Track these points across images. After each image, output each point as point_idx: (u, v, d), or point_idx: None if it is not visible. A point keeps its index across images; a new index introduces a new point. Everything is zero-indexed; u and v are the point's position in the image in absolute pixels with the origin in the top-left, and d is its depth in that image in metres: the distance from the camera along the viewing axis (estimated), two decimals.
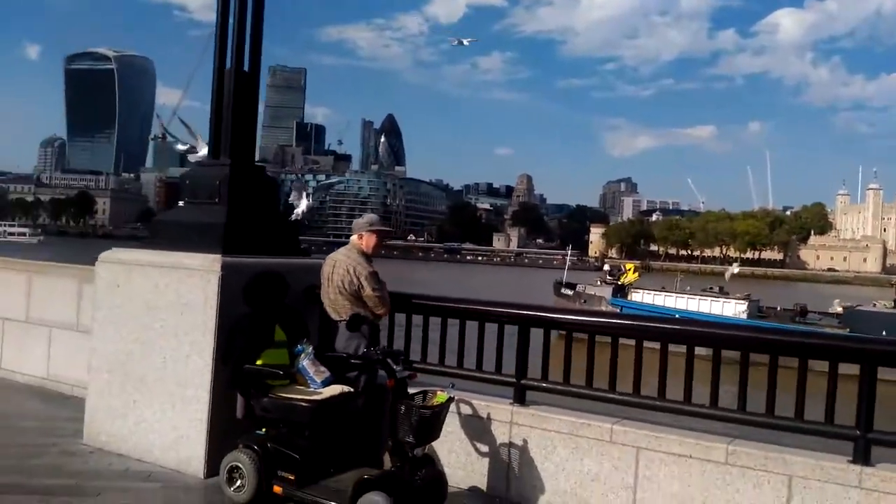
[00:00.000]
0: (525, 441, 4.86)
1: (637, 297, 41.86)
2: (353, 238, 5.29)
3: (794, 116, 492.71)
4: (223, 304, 5.01)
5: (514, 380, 5.06)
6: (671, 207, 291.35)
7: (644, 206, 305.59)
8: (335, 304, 5.15)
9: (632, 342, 4.73)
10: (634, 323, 4.88)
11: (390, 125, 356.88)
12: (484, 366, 5.28)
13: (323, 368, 4.77)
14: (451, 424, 5.02)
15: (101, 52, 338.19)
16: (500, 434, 4.96)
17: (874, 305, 39.47)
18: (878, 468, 3.94)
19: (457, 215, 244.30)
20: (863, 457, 3.99)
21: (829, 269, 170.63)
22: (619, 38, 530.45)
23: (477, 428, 5.03)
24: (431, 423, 4.34)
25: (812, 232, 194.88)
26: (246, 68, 5.67)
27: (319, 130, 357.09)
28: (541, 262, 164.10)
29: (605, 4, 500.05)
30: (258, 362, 4.67)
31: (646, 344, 4.70)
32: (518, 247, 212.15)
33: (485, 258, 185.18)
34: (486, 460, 5.00)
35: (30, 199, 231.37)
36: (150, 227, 6.08)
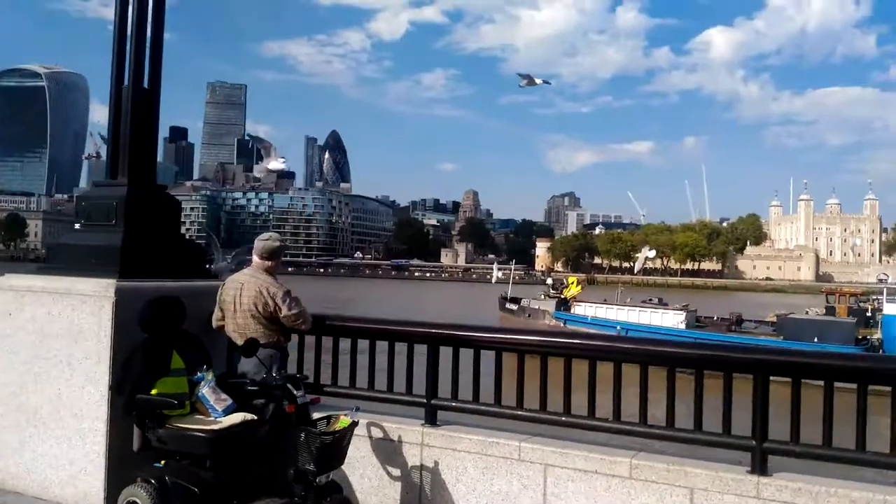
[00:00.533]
0: (436, 463, 4.77)
1: (580, 309, 42.48)
2: (259, 260, 5.12)
3: (727, 131, 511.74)
4: (118, 331, 4.79)
5: (424, 400, 4.98)
6: (613, 221, 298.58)
7: (587, 220, 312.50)
8: (244, 329, 4.97)
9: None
10: (539, 339, 4.86)
11: (335, 141, 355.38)
12: (396, 387, 5.19)
13: (225, 396, 4.59)
14: (363, 448, 4.91)
15: (31, 69, 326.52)
16: (412, 457, 4.85)
17: (807, 313, 41.04)
18: (775, 477, 3.98)
19: (404, 232, 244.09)
20: (760, 467, 4.03)
21: (767, 279, 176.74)
22: (558, 56, 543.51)
23: (388, 451, 4.92)
24: (333, 450, 4.21)
25: (748, 242, 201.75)
26: (146, 85, 5.48)
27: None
28: (488, 276, 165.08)
29: (545, 22, 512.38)
30: (153, 391, 4.46)
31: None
32: (466, 262, 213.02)
33: (433, 274, 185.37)
34: (398, 484, 4.89)
35: None
36: (47, 250, 5.80)
